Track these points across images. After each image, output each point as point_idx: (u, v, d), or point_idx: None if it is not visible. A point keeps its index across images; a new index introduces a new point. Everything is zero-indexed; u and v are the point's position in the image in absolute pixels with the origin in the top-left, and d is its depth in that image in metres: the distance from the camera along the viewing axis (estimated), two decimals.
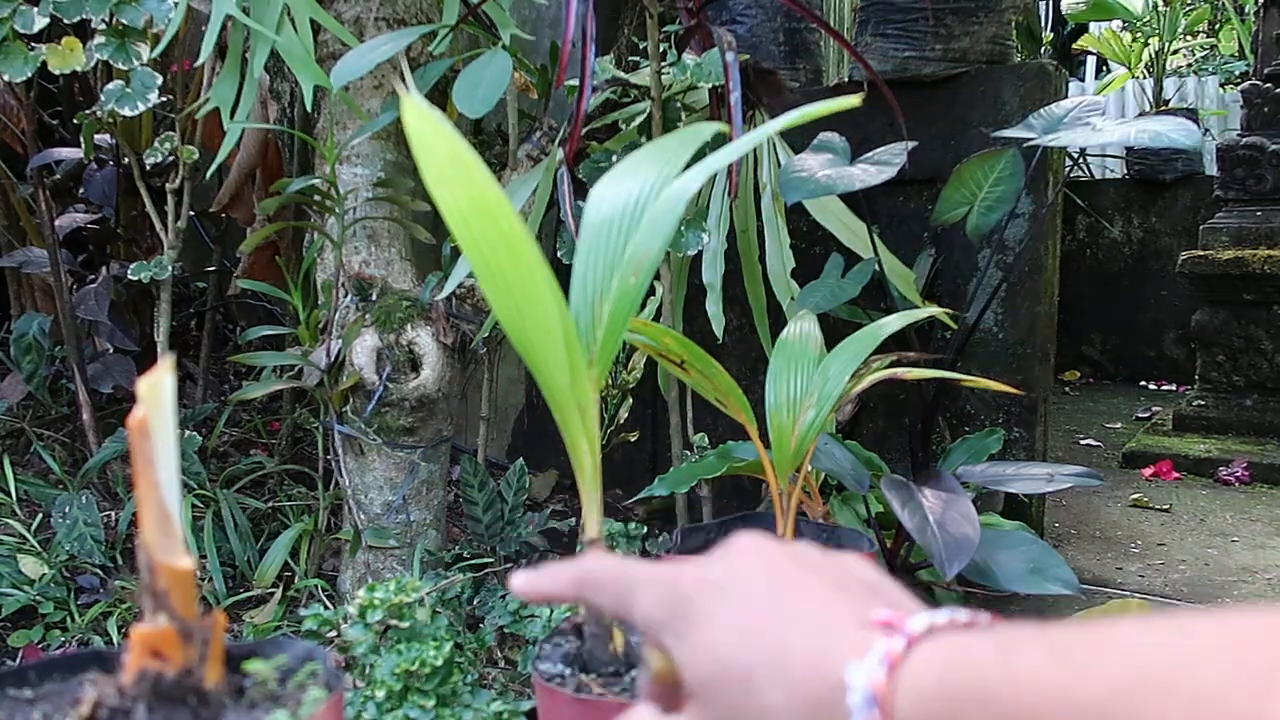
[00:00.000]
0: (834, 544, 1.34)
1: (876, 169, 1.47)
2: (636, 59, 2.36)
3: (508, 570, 1.80)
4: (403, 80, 1.63)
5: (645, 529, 1.65)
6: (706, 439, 1.79)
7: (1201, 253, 3.40)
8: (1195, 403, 3.47)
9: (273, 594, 1.71)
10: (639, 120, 1.86)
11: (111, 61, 1.59)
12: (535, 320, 0.69)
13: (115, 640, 1.58)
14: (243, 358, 1.71)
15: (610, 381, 1.87)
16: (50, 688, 0.59)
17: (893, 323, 1.36)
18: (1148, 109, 5.43)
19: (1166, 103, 5.39)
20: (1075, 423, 4.00)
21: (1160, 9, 5.24)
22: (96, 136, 2.02)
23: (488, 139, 2.26)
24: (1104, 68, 6.98)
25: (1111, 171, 5.67)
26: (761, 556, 0.46)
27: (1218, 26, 6.80)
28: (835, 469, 1.48)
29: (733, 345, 2.25)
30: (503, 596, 1.58)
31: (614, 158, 1.63)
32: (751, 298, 1.85)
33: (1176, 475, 3.10)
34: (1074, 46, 6.40)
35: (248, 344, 1.85)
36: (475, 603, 1.66)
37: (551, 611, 1.38)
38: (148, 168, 1.95)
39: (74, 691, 0.58)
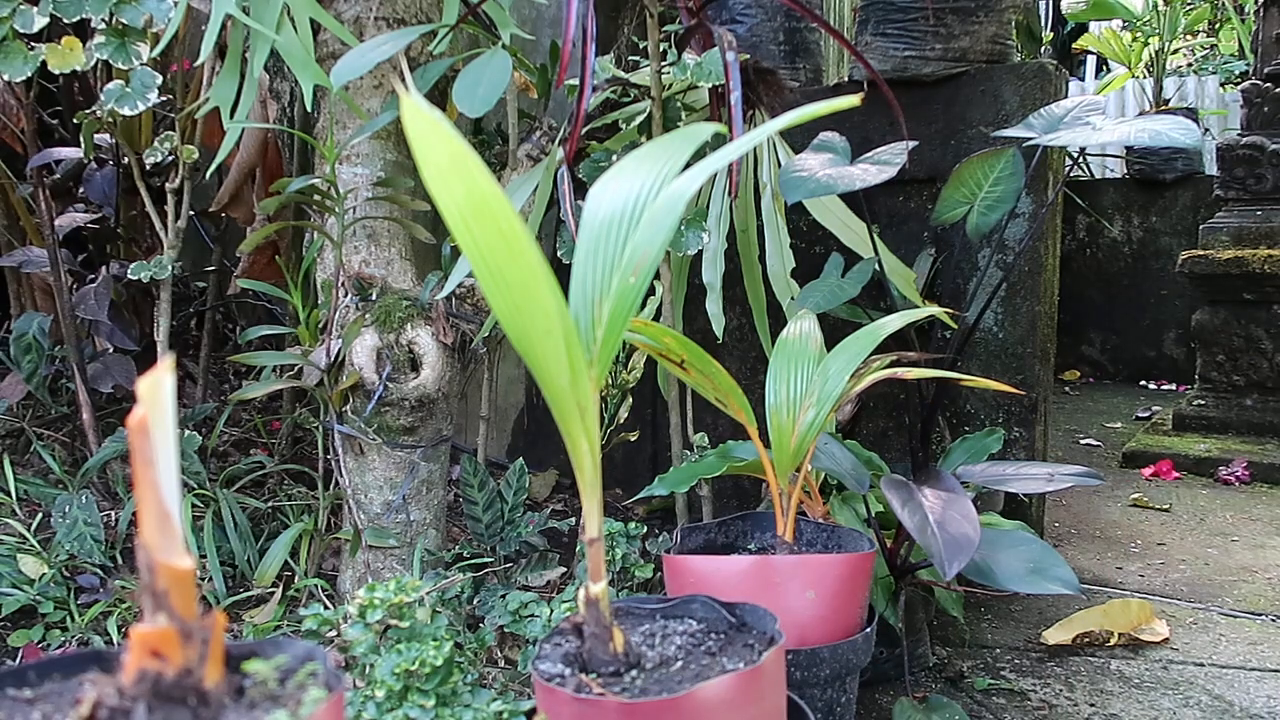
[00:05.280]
0: (834, 543, 1.34)
1: (877, 168, 1.47)
2: (636, 59, 2.36)
3: (508, 570, 1.80)
4: (402, 80, 1.63)
5: (645, 528, 1.65)
6: (706, 439, 1.79)
7: (1201, 252, 3.40)
8: (1195, 402, 3.47)
9: (273, 594, 1.71)
10: (639, 120, 1.86)
11: (111, 61, 1.59)
12: (535, 320, 0.69)
13: (115, 640, 1.58)
14: (243, 358, 1.70)
15: (610, 381, 1.87)
16: (50, 688, 0.59)
17: (893, 322, 1.36)
18: (1148, 109, 5.43)
19: (1166, 102, 5.38)
20: (1075, 423, 4.00)
21: (1160, 9, 5.23)
22: (96, 136, 2.02)
23: (488, 139, 2.26)
24: (1104, 67, 6.98)
25: (1111, 171, 5.67)
26: None
27: (1218, 26, 6.80)
28: (835, 469, 1.48)
29: (733, 345, 2.25)
30: (503, 596, 1.58)
31: (614, 157, 1.63)
32: (751, 297, 1.85)
33: (1176, 475, 3.09)
34: (1074, 46, 6.40)
35: (248, 344, 1.85)
36: (475, 602, 1.66)
37: (551, 611, 1.38)
38: (148, 167, 1.95)
39: (74, 691, 0.58)
